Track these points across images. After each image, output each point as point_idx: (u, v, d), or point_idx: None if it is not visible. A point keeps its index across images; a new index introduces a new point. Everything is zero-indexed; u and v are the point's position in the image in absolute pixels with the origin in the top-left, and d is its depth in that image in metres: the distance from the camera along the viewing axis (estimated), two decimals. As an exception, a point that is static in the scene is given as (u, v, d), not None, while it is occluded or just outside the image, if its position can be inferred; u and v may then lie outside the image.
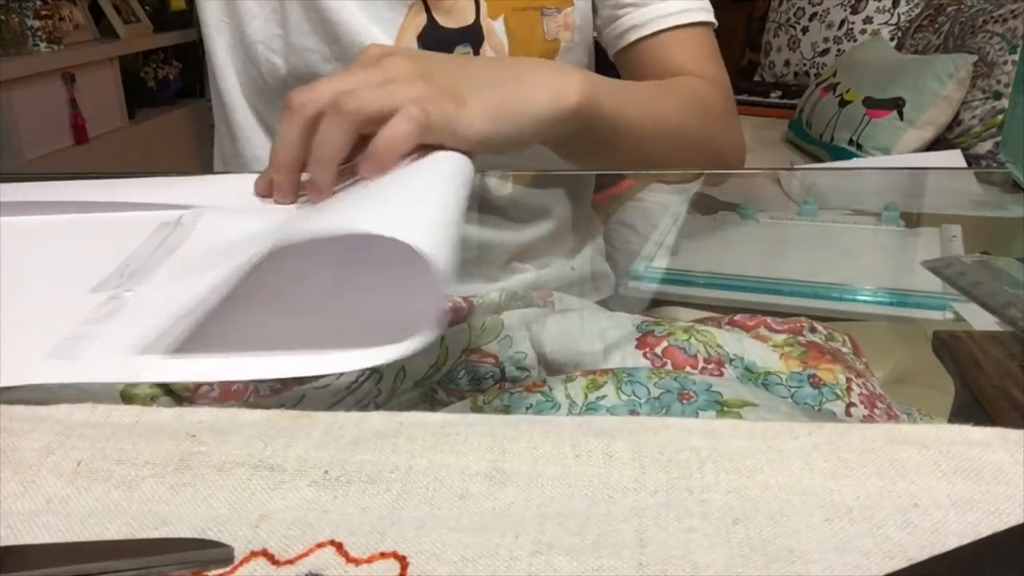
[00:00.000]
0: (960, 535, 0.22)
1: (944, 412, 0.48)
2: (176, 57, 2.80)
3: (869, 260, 0.80)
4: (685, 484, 0.25)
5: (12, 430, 0.27)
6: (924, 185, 0.95)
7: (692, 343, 0.50)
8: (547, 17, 0.66)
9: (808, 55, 2.40)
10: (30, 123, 2.04)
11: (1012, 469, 0.25)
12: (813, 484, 0.25)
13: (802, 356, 0.50)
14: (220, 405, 0.33)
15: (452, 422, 0.28)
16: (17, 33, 2.06)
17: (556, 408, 0.44)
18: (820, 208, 0.82)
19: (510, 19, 0.65)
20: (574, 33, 0.67)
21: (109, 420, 0.28)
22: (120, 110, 2.44)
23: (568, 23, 0.67)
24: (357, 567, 0.22)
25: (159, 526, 0.23)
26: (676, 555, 0.22)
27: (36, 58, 2.09)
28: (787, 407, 0.45)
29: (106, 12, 2.45)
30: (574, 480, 0.25)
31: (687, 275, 0.77)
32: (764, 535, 0.23)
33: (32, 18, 2.11)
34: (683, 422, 0.28)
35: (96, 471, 0.26)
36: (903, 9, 2.21)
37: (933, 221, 0.78)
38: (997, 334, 0.46)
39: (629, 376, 0.45)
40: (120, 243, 0.41)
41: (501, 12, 0.65)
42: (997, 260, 0.56)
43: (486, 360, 0.52)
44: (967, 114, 1.81)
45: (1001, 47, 1.80)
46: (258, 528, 0.23)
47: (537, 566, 0.21)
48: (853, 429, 0.27)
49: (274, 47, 0.65)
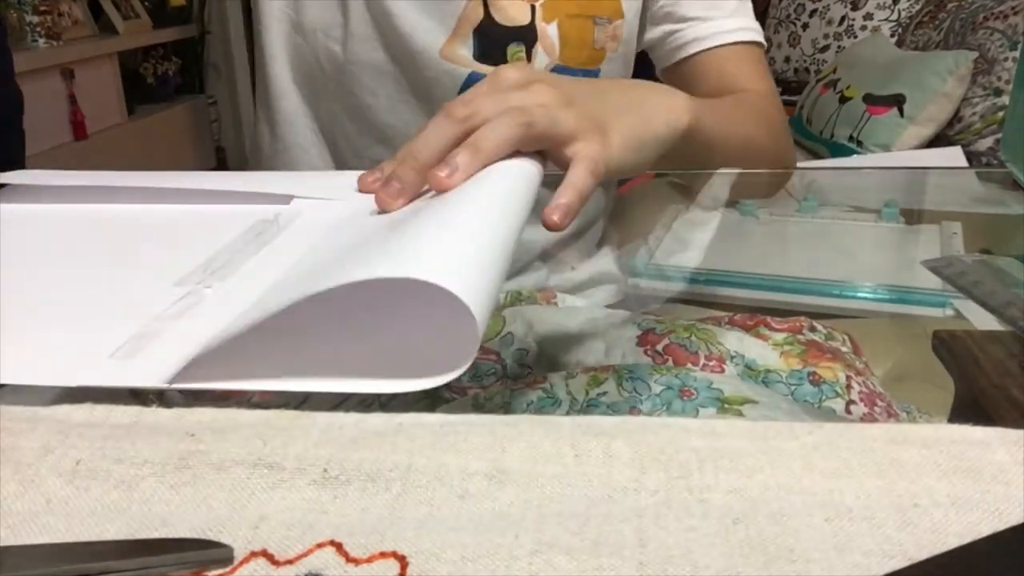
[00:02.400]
0: (960, 535, 0.22)
1: (944, 410, 0.48)
2: (175, 53, 2.80)
3: (869, 257, 0.80)
4: (685, 484, 0.25)
5: (11, 430, 0.27)
6: (924, 182, 0.95)
7: (693, 340, 0.50)
8: (599, 26, 0.68)
9: (808, 51, 2.40)
10: (29, 119, 2.03)
11: (1012, 469, 0.25)
12: (813, 484, 0.25)
13: (802, 354, 0.50)
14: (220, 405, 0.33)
15: (452, 421, 0.28)
16: (16, 29, 2.06)
17: (557, 405, 0.44)
18: (820, 205, 0.83)
19: (564, 24, 0.67)
20: (619, 44, 0.70)
21: (108, 420, 0.28)
22: (119, 106, 2.44)
23: (616, 35, 0.69)
24: (357, 567, 0.22)
25: (159, 526, 0.23)
26: (676, 555, 0.22)
27: (35, 54, 2.08)
28: (787, 404, 0.45)
29: (105, 8, 2.44)
30: (574, 480, 0.25)
31: (688, 272, 0.77)
32: (764, 535, 0.23)
33: (31, 14, 2.11)
34: (683, 422, 0.28)
35: (95, 471, 0.25)
36: (903, 5, 2.21)
37: (933, 218, 0.78)
38: (997, 333, 0.46)
39: (630, 373, 0.45)
40: (215, 236, 0.42)
41: (555, 17, 0.67)
42: (997, 259, 0.56)
43: (488, 357, 0.52)
44: (967, 111, 1.80)
45: (1002, 44, 1.80)
46: (258, 528, 0.23)
47: (537, 565, 0.21)
48: (853, 429, 0.27)
49: (333, 34, 0.67)
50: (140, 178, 0.49)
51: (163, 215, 0.46)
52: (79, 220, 0.46)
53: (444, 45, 0.65)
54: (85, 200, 0.48)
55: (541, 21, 0.66)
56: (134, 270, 0.40)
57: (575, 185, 0.41)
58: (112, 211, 0.47)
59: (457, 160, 0.41)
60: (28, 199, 0.49)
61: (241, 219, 0.44)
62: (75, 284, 0.38)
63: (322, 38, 0.67)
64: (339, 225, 0.42)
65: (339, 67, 0.67)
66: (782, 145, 0.72)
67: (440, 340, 0.28)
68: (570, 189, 0.41)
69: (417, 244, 0.31)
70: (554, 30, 0.67)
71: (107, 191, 0.48)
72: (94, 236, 0.45)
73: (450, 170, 0.40)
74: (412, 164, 0.42)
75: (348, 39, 0.66)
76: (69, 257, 0.42)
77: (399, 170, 0.43)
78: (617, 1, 0.68)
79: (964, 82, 1.79)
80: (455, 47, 0.65)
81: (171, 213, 0.46)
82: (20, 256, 0.42)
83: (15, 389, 0.30)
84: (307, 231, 0.43)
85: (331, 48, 0.67)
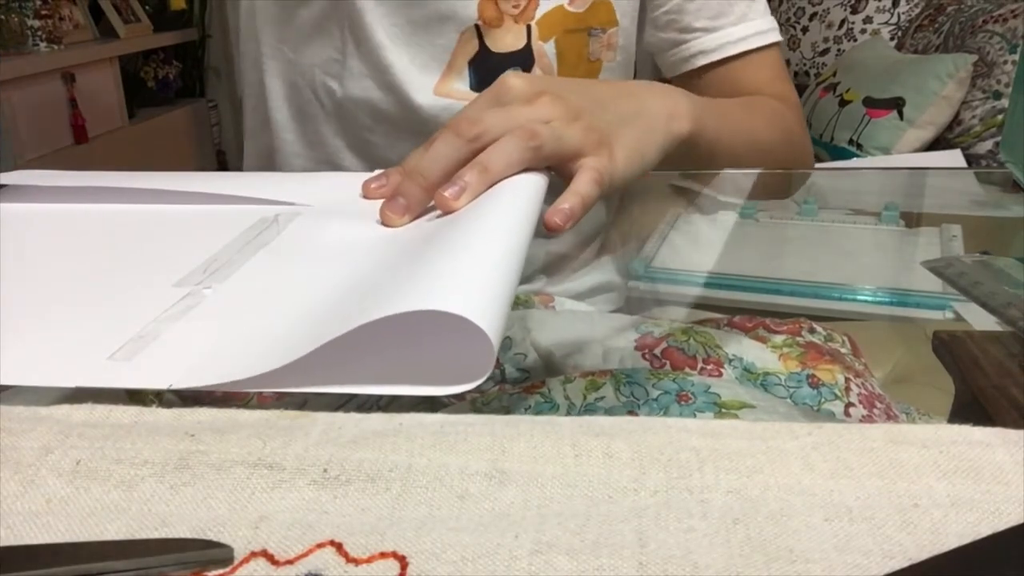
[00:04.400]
0: (960, 535, 0.22)
1: (944, 412, 0.48)
2: (176, 57, 2.80)
3: (869, 260, 0.80)
4: (685, 484, 0.25)
5: (11, 430, 0.27)
6: (924, 185, 0.95)
7: (691, 344, 0.50)
8: (593, 38, 0.67)
9: (808, 55, 2.40)
10: (30, 123, 2.04)
11: (1012, 469, 0.25)
12: (813, 484, 0.25)
13: (801, 357, 0.50)
14: (221, 406, 0.33)
15: (451, 422, 0.28)
16: (17, 33, 2.06)
17: (555, 409, 0.44)
18: (820, 208, 0.83)
19: (560, 41, 0.66)
20: (616, 53, 0.68)
21: (108, 420, 0.28)
22: (120, 110, 2.44)
23: (612, 43, 0.67)
24: (357, 567, 0.22)
25: (159, 526, 0.23)
26: (676, 555, 0.22)
27: (36, 58, 2.09)
28: (785, 408, 0.45)
29: (106, 12, 2.44)
30: (574, 480, 0.25)
31: (687, 275, 0.77)
32: (764, 535, 0.23)
33: (32, 18, 2.11)
34: (683, 422, 0.28)
35: (95, 471, 0.25)
36: (903, 9, 2.21)
37: (933, 221, 0.78)
38: (997, 334, 0.46)
39: (628, 377, 0.45)
40: (216, 236, 0.42)
41: (552, 35, 0.66)
42: (997, 260, 0.56)
43: (486, 360, 0.52)
44: (967, 114, 1.81)
45: (1001, 47, 1.80)
46: (258, 528, 0.23)
47: (537, 566, 0.21)
48: (853, 429, 0.27)
49: (331, 71, 0.66)
50: (140, 179, 0.49)
51: (163, 215, 0.46)
52: (79, 220, 0.46)
53: (438, 83, 0.65)
54: (85, 200, 0.48)
55: (538, 40, 0.65)
56: (134, 271, 0.40)
57: (579, 192, 0.41)
58: (112, 211, 0.47)
59: (465, 180, 0.41)
60: (28, 199, 0.49)
61: (241, 219, 0.44)
62: (75, 285, 0.38)
63: (320, 75, 0.67)
64: (343, 234, 0.42)
65: (337, 103, 0.67)
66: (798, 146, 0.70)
67: (450, 356, 0.28)
68: (574, 196, 0.41)
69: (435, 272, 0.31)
70: (551, 48, 0.66)
71: (107, 191, 0.48)
72: (94, 236, 0.45)
73: (457, 191, 0.40)
74: (419, 181, 0.42)
75: (345, 76, 0.66)
76: (69, 258, 0.42)
77: (405, 186, 0.43)
78: (611, 8, 0.67)
79: (964, 85, 1.80)
80: (450, 82, 0.65)
81: (171, 213, 0.46)
82: (20, 256, 0.42)
83: (15, 389, 0.30)
84: (307, 232, 0.43)
85: (329, 84, 0.66)
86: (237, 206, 0.47)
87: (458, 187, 0.41)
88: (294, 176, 0.63)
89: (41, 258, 0.42)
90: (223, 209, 0.46)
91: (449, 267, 0.32)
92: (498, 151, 0.41)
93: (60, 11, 2.27)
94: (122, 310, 0.35)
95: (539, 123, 0.42)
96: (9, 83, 1.95)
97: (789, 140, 0.68)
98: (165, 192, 0.48)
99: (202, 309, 0.34)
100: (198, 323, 0.33)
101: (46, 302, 0.37)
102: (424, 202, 0.42)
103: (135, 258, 0.42)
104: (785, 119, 0.68)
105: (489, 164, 0.41)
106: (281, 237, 0.42)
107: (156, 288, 0.37)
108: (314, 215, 0.45)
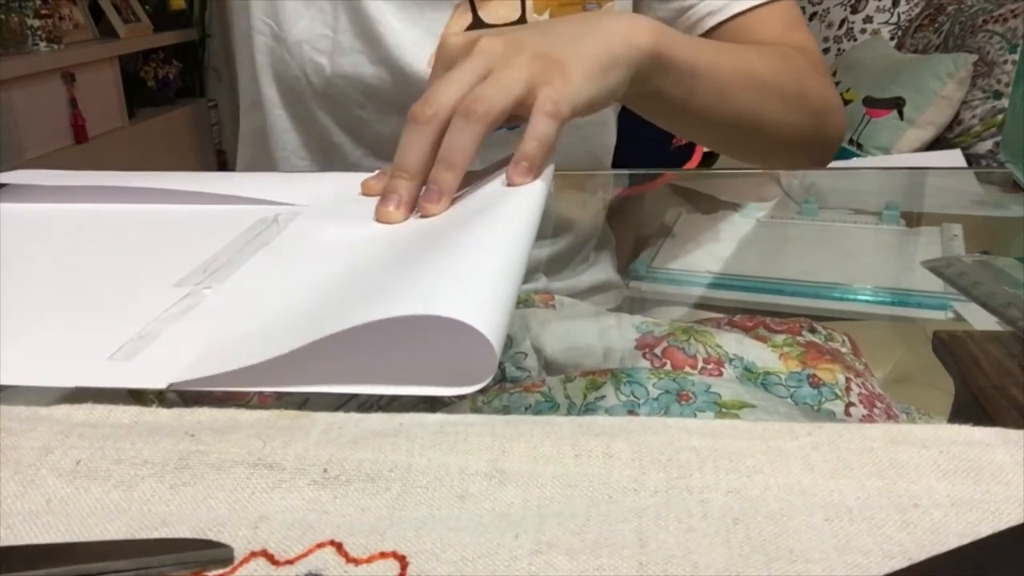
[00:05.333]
0: (960, 535, 0.22)
1: (944, 412, 0.48)
2: (176, 57, 2.80)
3: (869, 260, 0.80)
4: (685, 484, 0.25)
5: (11, 430, 0.27)
6: (924, 185, 0.95)
7: (691, 343, 0.50)
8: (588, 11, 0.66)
9: (808, 55, 2.40)
10: (30, 123, 2.04)
11: (1012, 469, 0.25)
12: (813, 484, 0.25)
13: (801, 356, 0.50)
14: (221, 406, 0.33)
15: (451, 422, 0.28)
16: (17, 32, 2.06)
17: (555, 408, 0.44)
18: (820, 208, 0.82)
19: (555, 13, 0.65)
20: None
21: (108, 420, 0.28)
22: (120, 110, 2.44)
23: None
24: (357, 567, 0.22)
25: (159, 526, 0.23)
26: (676, 555, 0.22)
27: (36, 57, 2.09)
28: (786, 408, 0.45)
29: (106, 11, 2.45)
30: (574, 480, 0.25)
31: (688, 275, 0.77)
32: (764, 535, 0.23)
33: (32, 17, 2.11)
34: (683, 422, 0.28)
35: (95, 471, 0.25)
36: (903, 8, 2.21)
37: (933, 221, 0.78)
38: (997, 334, 0.46)
39: (628, 377, 0.45)
40: (216, 236, 0.42)
41: (547, 7, 0.65)
42: (997, 260, 0.56)
43: (486, 360, 0.52)
44: (967, 113, 1.81)
45: (1001, 46, 1.80)
46: (258, 528, 0.23)
47: (537, 566, 0.21)
48: (853, 429, 0.27)
49: (320, 47, 0.66)
50: (140, 178, 0.49)
51: (163, 215, 0.46)
52: (79, 220, 0.46)
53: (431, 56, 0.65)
54: (85, 200, 0.48)
55: (533, 13, 0.65)
56: (134, 271, 0.40)
57: (535, 136, 0.41)
58: (112, 211, 0.47)
59: (437, 183, 0.42)
60: (28, 199, 0.49)
61: (241, 219, 0.44)
62: (75, 284, 0.38)
63: (308, 50, 0.66)
64: (343, 233, 0.42)
65: (326, 80, 0.67)
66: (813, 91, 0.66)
67: (451, 359, 0.28)
68: (530, 141, 0.41)
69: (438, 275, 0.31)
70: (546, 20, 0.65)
71: (107, 191, 0.48)
72: (94, 236, 0.45)
73: (435, 195, 0.42)
74: (404, 176, 0.43)
75: (335, 52, 0.66)
76: (69, 257, 0.42)
77: (394, 182, 0.43)
78: None
79: (964, 85, 1.80)
80: None
81: (171, 213, 0.46)
82: (20, 256, 0.42)
83: (15, 389, 0.30)
84: (307, 232, 0.43)
85: (317, 60, 0.66)
86: (237, 206, 0.47)
87: (434, 191, 0.42)
88: (294, 176, 0.63)
89: (41, 258, 0.42)
90: (223, 209, 0.46)
91: (453, 271, 0.32)
92: (452, 143, 0.42)
93: (60, 11, 2.27)
94: (122, 310, 0.35)
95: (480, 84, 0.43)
96: (9, 83, 1.95)
97: (799, 81, 0.65)
98: (165, 192, 0.48)
99: (202, 309, 0.34)
100: (198, 323, 0.33)
101: (46, 302, 0.37)
102: (414, 194, 0.43)
103: (135, 258, 0.42)
104: (795, 59, 0.65)
105: (451, 159, 0.42)
106: (281, 237, 0.42)
107: (156, 288, 0.37)
108: (314, 215, 0.45)
